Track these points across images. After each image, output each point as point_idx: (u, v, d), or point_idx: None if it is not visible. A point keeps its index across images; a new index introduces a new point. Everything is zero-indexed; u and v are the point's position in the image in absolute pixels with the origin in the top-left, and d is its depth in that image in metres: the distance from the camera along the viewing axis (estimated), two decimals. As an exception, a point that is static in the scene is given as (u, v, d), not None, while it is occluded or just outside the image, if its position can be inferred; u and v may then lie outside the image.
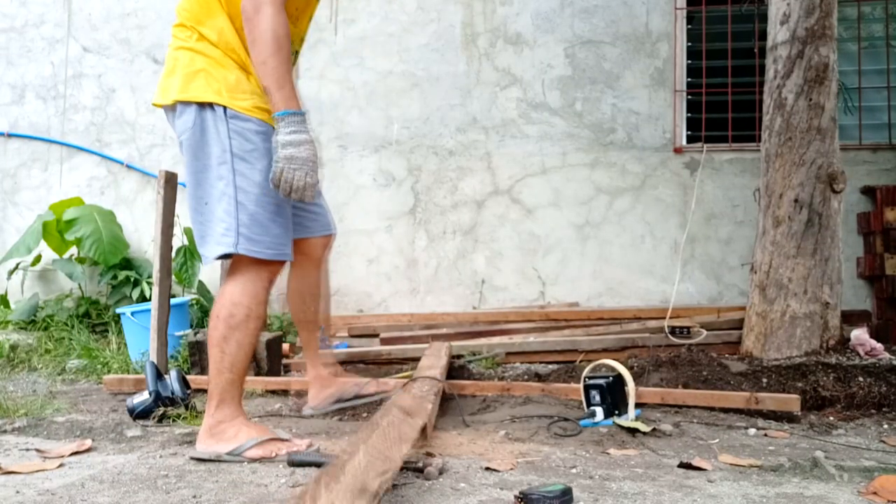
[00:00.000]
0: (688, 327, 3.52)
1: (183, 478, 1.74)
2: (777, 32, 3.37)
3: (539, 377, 3.21)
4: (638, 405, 2.54)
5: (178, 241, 4.14)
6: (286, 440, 2.00)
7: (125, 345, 3.94)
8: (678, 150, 4.49)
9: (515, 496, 1.55)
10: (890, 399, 2.79)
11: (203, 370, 3.25)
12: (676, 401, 2.69)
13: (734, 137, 4.44)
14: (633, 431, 2.30)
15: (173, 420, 2.47)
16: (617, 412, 2.45)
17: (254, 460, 1.89)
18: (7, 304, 4.69)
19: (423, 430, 1.95)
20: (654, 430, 2.32)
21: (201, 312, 4.47)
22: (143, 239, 4.84)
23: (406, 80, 4.71)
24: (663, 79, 4.52)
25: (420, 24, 4.72)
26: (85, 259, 4.55)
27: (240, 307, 1.95)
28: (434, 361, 2.76)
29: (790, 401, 2.63)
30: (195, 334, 3.32)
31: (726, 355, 3.33)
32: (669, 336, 3.48)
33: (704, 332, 3.49)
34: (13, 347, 4.01)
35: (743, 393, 2.70)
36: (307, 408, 2.51)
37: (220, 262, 3.56)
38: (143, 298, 4.30)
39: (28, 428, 2.36)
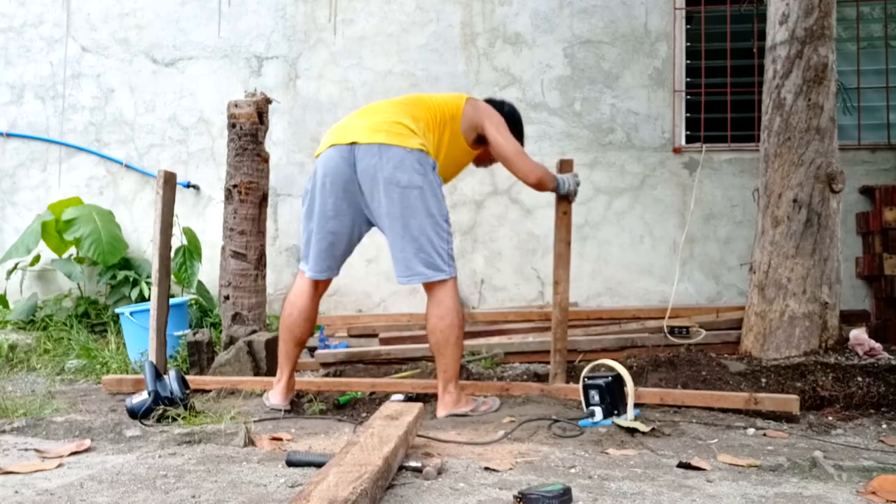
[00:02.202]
0: (687, 327, 3.52)
1: (182, 478, 1.74)
2: (776, 32, 3.37)
3: (538, 377, 3.21)
4: (637, 405, 2.55)
5: (177, 241, 4.14)
6: (486, 398, 2.73)
7: (124, 345, 3.93)
8: (677, 150, 4.49)
9: (514, 496, 1.55)
10: (889, 399, 2.80)
11: (202, 370, 3.24)
12: (675, 401, 2.70)
13: (733, 137, 4.44)
14: (632, 431, 2.30)
15: (172, 420, 2.47)
16: (616, 412, 2.45)
17: (481, 414, 2.60)
18: (6, 304, 4.69)
19: (415, 421, 1.95)
20: (652, 430, 2.32)
21: (200, 312, 4.47)
22: (141, 239, 4.84)
23: (405, 81, 4.70)
24: (662, 79, 4.52)
25: (419, 24, 4.72)
26: (84, 259, 4.55)
27: (460, 314, 2.65)
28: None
29: (789, 401, 2.63)
30: (194, 334, 3.31)
31: (725, 355, 3.33)
32: (668, 336, 3.48)
33: (703, 332, 3.49)
34: (12, 347, 4.00)
35: (742, 393, 2.70)
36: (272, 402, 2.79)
37: (220, 262, 3.60)
38: (142, 298, 4.30)
39: (27, 428, 2.35)
